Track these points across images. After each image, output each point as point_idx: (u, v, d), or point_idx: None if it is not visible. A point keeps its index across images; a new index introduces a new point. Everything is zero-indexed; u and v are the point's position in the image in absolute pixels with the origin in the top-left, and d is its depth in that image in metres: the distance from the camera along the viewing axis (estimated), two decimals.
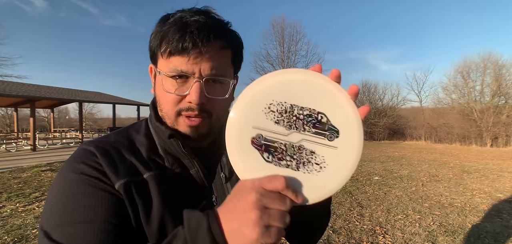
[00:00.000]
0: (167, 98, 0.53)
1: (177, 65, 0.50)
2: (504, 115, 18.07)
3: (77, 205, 0.46)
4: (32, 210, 4.03)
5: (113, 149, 0.53)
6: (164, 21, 0.52)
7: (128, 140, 0.57)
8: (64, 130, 21.64)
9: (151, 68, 0.58)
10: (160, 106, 0.56)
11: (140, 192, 0.50)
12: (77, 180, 0.48)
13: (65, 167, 0.51)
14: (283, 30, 22.89)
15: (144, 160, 0.54)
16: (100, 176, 0.49)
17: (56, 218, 0.46)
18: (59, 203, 0.47)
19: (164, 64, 0.52)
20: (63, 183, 0.49)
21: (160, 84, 0.53)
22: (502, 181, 6.19)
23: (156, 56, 0.54)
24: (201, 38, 0.48)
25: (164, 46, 0.51)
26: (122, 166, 0.51)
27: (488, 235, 3.24)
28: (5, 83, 14.70)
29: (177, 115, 0.53)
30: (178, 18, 0.51)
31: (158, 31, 0.52)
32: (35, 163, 8.42)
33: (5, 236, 3.12)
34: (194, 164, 0.55)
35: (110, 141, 0.55)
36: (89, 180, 0.48)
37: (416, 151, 13.41)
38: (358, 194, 5.03)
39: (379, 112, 25.29)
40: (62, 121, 36.09)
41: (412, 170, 7.51)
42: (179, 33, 0.49)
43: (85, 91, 19.74)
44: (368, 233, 3.32)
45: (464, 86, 20.81)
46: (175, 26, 0.50)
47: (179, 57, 0.50)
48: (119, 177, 0.49)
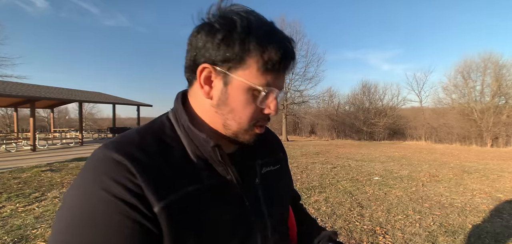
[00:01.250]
0: (248, 111, 0.51)
1: (270, 81, 0.50)
2: (505, 115, 18.07)
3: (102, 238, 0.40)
4: (32, 210, 4.02)
5: (148, 159, 0.46)
6: (250, 27, 0.48)
7: (159, 143, 0.50)
8: (64, 130, 21.63)
9: (205, 69, 0.50)
10: (231, 115, 0.52)
11: (183, 211, 0.46)
12: (106, 203, 0.41)
13: (90, 179, 0.43)
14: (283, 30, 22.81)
15: (180, 170, 0.49)
16: (137, 203, 0.41)
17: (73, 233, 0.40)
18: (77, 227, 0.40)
19: (255, 77, 0.49)
20: (86, 202, 0.41)
21: (240, 94, 0.50)
22: (503, 181, 6.18)
23: (240, 64, 0.49)
24: (293, 58, 0.52)
25: (262, 60, 0.49)
26: (160, 181, 0.45)
27: (488, 235, 3.24)
28: (5, 83, 14.70)
29: (252, 126, 0.53)
30: (272, 32, 0.51)
31: (246, 38, 0.48)
32: (35, 163, 8.42)
33: (5, 236, 3.11)
34: (229, 171, 0.53)
35: (142, 146, 0.47)
36: (123, 207, 0.41)
37: (416, 151, 13.41)
38: (358, 194, 5.03)
39: (379, 112, 25.29)
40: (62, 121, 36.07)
41: (412, 170, 7.51)
42: (281, 53, 0.49)
43: (85, 91, 19.73)
44: (368, 233, 3.31)
45: (464, 86, 20.83)
46: (276, 44, 0.49)
47: (274, 74, 0.50)
48: (160, 197, 0.44)
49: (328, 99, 28.57)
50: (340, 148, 14.51)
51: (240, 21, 0.48)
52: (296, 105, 24.48)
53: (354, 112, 26.80)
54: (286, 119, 23.36)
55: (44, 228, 3.36)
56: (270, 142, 0.71)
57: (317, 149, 13.63)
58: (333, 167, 7.95)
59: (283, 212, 0.68)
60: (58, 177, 6.32)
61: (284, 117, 23.04)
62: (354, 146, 16.23)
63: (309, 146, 16.00)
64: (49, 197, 4.69)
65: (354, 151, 12.84)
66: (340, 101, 28.76)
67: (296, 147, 15.03)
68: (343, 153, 12.09)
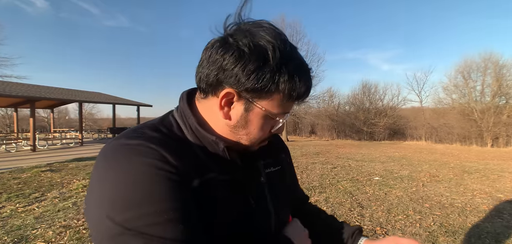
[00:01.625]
0: (263, 132, 0.55)
1: (287, 109, 0.54)
2: (505, 115, 18.07)
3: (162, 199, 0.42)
4: (32, 211, 4.02)
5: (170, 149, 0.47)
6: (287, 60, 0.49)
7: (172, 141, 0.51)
8: (64, 131, 21.65)
9: (228, 94, 0.50)
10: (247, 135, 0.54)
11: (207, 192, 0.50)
12: (153, 174, 0.42)
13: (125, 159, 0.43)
14: (283, 30, 22.72)
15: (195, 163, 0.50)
16: (177, 176, 0.45)
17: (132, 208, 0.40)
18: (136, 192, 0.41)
19: (276, 106, 0.51)
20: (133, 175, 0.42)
21: (259, 120, 0.52)
22: (503, 181, 6.18)
23: (267, 94, 0.49)
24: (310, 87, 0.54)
25: (290, 91, 0.50)
26: (189, 164, 0.48)
27: (489, 236, 3.23)
28: (5, 84, 14.70)
29: (260, 142, 0.58)
30: (300, 64, 0.51)
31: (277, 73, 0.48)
32: (35, 163, 8.42)
33: (4, 237, 3.11)
34: (236, 170, 0.57)
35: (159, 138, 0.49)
36: (168, 175, 0.43)
37: (417, 151, 13.40)
38: (358, 194, 5.02)
39: (380, 112, 25.29)
40: (62, 122, 36.09)
41: (413, 171, 7.50)
42: (305, 87, 0.52)
43: (85, 91, 19.74)
44: (369, 233, 3.31)
45: (464, 86, 20.82)
46: (303, 78, 0.51)
47: (292, 103, 0.53)
48: (192, 174, 0.48)
49: (328, 99, 28.57)
50: (340, 148, 14.51)
51: (272, 52, 0.47)
52: (296, 105, 24.46)
53: (354, 112, 26.80)
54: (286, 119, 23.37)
55: (44, 229, 3.36)
56: (272, 143, 0.72)
57: (317, 149, 13.63)
58: (333, 167, 7.95)
59: (288, 212, 0.70)
60: (58, 177, 6.32)
61: None
62: (354, 146, 16.23)
63: (309, 146, 16.00)
64: (49, 198, 4.69)
65: (354, 151, 12.84)
66: (340, 101, 28.78)
67: (296, 147, 15.03)
68: (343, 153, 12.09)
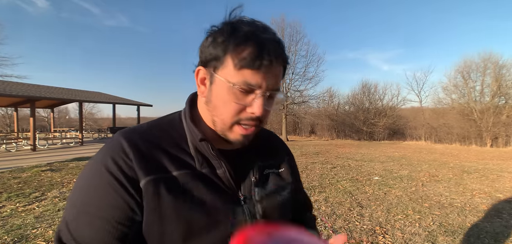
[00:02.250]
0: (229, 107, 0.54)
1: (247, 79, 0.51)
2: (504, 115, 18.07)
3: (98, 205, 0.50)
4: (32, 210, 4.03)
5: (144, 144, 0.55)
6: (234, 30, 0.52)
7: (160, 133, 0.59)
8: (64, 130, 21.64)
9: (200, 71, 0.57)
10: (216, 111, 0.56)
11: (167, 189, 0.52)
12: (101, 176, 0.51)
13: (99, 156, 0.54)
14: (283, 30, 22.84)
15: (175, 157, 0.56)
16: (125, 181, 0.51)
17: (79, 203, 0.51)
18: (80, 192, 0.52)
19: (233, 74, 0.52)
20: (92, 172, 0.53)
21: (222, 91, 0.53)
22: (502, 181, 6.19)
23: (221, 64, 0.53)
24: (276, 57, 0.52)
25: (237, 58, 0.51)
26: (151, 162, 0.53)
27: (488, 235, 3.24)
28: (5, 83, 14.69)
29: (233, 124, 0.55)
30: (251, 33, 0.52)
31: (229, 40, 0.52)
32: (35, 163, 8.42)
33: (5, 236, 3.12)
34: (222, 164, 0.57)
35: (144, 133, 0.57)
36: (114, 185, 0.50)
37: (416, 151, 13.41)
38: (358, 194, 5.03)
39: (379, 112, 25.28)
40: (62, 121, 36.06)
41: (412, 170, 7.51)
42: (258, 50, 0.50)
43: (85, 91, 19.73)
44: (368, 233, 3.32)
45: (464, 86, 20.81)
46: (252, 41, 0.51)
47: (251, 71, 0.51)
48: (148, 173, 0.52)
49: (328, 99, 28.57)
50: (340, 148, 14.52)
51: (229, 26, 0.53)
52: (296, 105, 24.46)
53: (354, 112, 26.79)
54: (286, 119, 23.37)
55: (44, 228, 3.36)
56: (273, 146, 0.73)
57: (317, 149, 13.64)
58: (333, 167, 7.96)
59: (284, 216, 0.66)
60: (58, 177, 6.33)
61: (284, 117, 23.04)
62: (354, 146, 16.23)
63: (309, 146, 16.01)
64: (49, 197, 4.70)
65: (354, 151, 12.84)
66: (340, 101, 28.77)
67: (296, 147, 15.03)
68: (343, 153, 12.10)
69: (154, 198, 0.51)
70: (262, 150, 0.67)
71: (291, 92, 23.44)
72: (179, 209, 0.52)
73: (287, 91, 23.11)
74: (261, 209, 0.60)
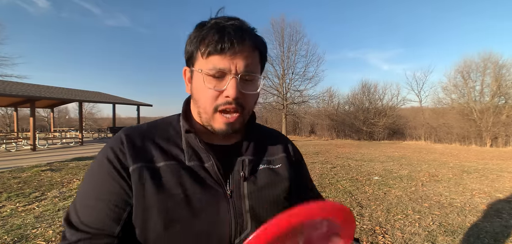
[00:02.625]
0: (206, 95, 0.57)
1: (215, 64, 0.55)
2: (504, 115, 18.07)
3: (99, 190, 0.55)
4: (32, 210, 4.03)
5: (139, 137, 0.61)
6: (201, 26, 0.58)
7: (157, 130, 0.64)
8: (64, 130, 21.64)
9: (185, 71, 0.64)
10: (198, 103, 0.60)
11: (151, 178, 0.55)
12: (105, 171, 0.56)
13: (103, 149, 0.60)
14: (282, 30, 22.87)
15: (165, 150, 0.60)
16: (120, 168, 0.56)
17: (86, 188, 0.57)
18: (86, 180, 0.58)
19: (203, 63, 0.57)
20: (97, 163, 0.59)
21: (199, 82, 0.58)
22: (502, 181, 6.19)
23: (194, 58, 0.59)
24: (237, 39, 0.55)
25: (203, 47, 0.56)
26: (141, 152, 0.58)
27: (487, 235, 3.25)
28: (5, 83, 14.69)
29: (214, 112, 0.58)
30: (214, 23, 0.57)
31: (197, 35, 0.57)
32: (35, 162, 8.42)
33: (5, 236, 3.12)
34: (210, 157, 0.59)
35: (142, 129, 0.63)
36: (111, 172, 0.56)
37: (416, 151, 13.42)
38: (357, 194, 5.03)
39: (379, 112, 25.28)
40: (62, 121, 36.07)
41: (412, 170, 7.52)
42: (218, 35, 0.55)
43: (85, 91, 19.72)
44: (368, 233, 3.32)
45: (464, 86, 20.81)
46: (214, 29, 0.56)
47: (218, 56, 0.55)
48: (136, 161, 0.56)
49: (328, 99, 28.58)
50: (340, 148, 14.52)
51: (198, 24, 0.59)
52: (296, 105, 24.48)
53: (354, 112, 26.78)
54: (286, 119, 23.38)
55: (44, 228, 3.36)
56: (272, 143, 0.72)
57: (317, 149, 13.64)
58: (333, 167, 7.96)
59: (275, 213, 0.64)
60: (58, 177, 6.33)
61: (284, 117, 23.05)
62: (353, 146, 16.24)
63: (308, 146, 16.01)
64: (49, 197, 4.70)
65: (354, 151, 12.85)
66: (340, 101, 28.76)
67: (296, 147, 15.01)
68: (343, 153, 12.10)
69: (139, 185, 0.54)
70: (258, 146, 0.67)
71: (291, 92, 23.46)
72: (161, 199, 0.54)
73: (287, 91, 23.13)
74: (249, 204, 0.59)
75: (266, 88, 23.44)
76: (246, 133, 0.67)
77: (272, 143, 0.72)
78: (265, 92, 23.74)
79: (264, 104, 24.97)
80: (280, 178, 0.67)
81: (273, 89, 23.55)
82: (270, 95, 24.12)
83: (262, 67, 0.64)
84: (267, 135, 0.74)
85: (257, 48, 0.59)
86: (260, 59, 0.62)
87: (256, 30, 0.62)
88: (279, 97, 23.51)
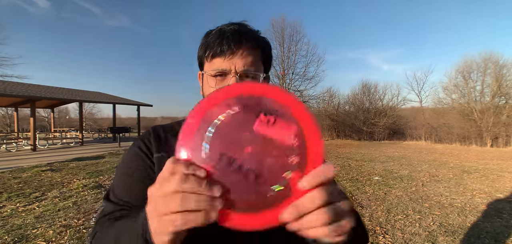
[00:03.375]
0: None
1: (217, 65, 0.63)
2: (504, 115, 18.05)
3: (129, 167, 0.63)
4: (32, 210, 4.03)
5: (163, 131, 0.68)
6: (208, 34, 0.66)
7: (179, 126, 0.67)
8: (64, 130, 21.64)
9: (199, 75, 0.72)
10: None
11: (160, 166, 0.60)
12: (133, 152, 0.64)
13: (134, 142, 0.68)
14: (283, 30, 22.84)
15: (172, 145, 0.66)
16: (147, 152, 0.63)
17: (118, 170, 0.65)
18: (120, 165, 0.66)
19: (208, 66, 0.65)
20: (128, 152, 0.67)
21: (207, 83, 0.66)
22: (502, 181, 6.19)
23: (203, 63, 0.68)
24: (234, 41, 0.61)
25: (207, 52, 0.64)
26: (163, 143, 0.65)
27: (488, 235, 3.24)
28: (6, 83, 14.70)
29: None
30: (218, 30, 0.65)
31: (203, 43, 0.67)
32: (35, 163, 8.42)
33: (5, 236, 3.12)
34: None
35: (166, 125, 0.70)
36: (139, 154, 0.63)
37: (416, 151, 13.41)
38: (358, 194, 5.03)
39: (379, 112, 25.27)
40: (62, 121, 36.08)
41: (412, 170, 7.51)
42: (219, 40, 0.62)
43: (86, 91, 19.73)
44: (368, 233, 3.31)
45: (464, 86, 20.80)
46: (216, 35, 0.63)
47: (219, 58, 0.63)
48: (158, 150, 0.63)
49: (328, 99, 28.54)
50: (340, 148, 14.52)
51: (206, 33, 0.67)
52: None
53: (354, 112, 26.76)
54: None
55: (44, 228, 3.36)
56: None
57: None
58: None
59: None
60: (58, 177, 6.33)
61: None
62: (354, 146, 16.23)
63: None
64: (50, 197, 4.70)
65: (354, 151, 12.84)
66: (340, 101, 28.73)
67: None
68: (343, 153, 12.10)
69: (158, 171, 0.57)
70: None
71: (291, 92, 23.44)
72: None
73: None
74: None
75: None
76: None
77: None
78: None
79: None
80: None
81: None
82: None
83: (266, 65, 0.70)
84: None
85: (258, 47, 0.65)
86: (263, 57, 0.68)
87: (259, 32, 0.68)
88: None
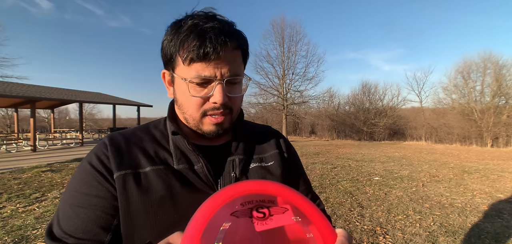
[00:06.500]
0: (192, 102, 0.56)
1: (199, 71, 0.52)
2: (505, 115, 18.05)
3: (81, 193, 0.52)
4: (32, 211, 4.02)
5: (125, 142, 0.58)
6: (178, 28, 0.54)
7: (143, 134, 0.61)
8: (64, 131, 21.66)
9: (164, 74, 0.61)
10: (183, 108, 0.58)
11: (136, 184, 0.53)
12: (86, 170, 0.54)
13: (86, 156, 0.58)
14: (283, 30, 22.85)
15: (152, 154, 0.57)
16: (103, 171, 0.53)
17: (66, 197, 0.54)
18: (69, 188, 0.55)
19: (185, 71, 0.54)
20: (79, 169, 0.56)
21: (182, 89, 0.56)
22: (503, 181, 6.18)
23: (174, 62, 0.56)
24: (220, 44, 0.51)
25: (184, 53, 0.53)
26: (126, 158, 0.55)
27: (488, 236, 3.24)
28: (6, 84, 14.70)
29: (202, 116, 0.57)
30: (193, 25, 0.53)
31: (174, 38, 0.54)
32: (36, 163, 8.42)
33: (5, 237, 3.12)
34: (199, 159, 0.57)
35: (126, 134, 0.61)
36: (93, 174, 0.53)
37: (417, 151, 13.39)
38: (358, 194, 5.03)
39: (379, 113, 25.27)
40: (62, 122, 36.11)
41: (413, 171, 7.50)
42: (199, 41, 0.51)
43: (85, 91, 19.73)
44: (369, 233, 3.31)
45: (464, 86, 20.79)
46: (193, 34, 0.52)
47: (201, 63, 0.52)
48: (120, 168, 0.54)
49: (328, 99, 28.56)
50: (340, 148, 14.51)
51: (174, 24, 0.55)
52: (296, 105, 24.47)
53: (354, 112, 26.77)
54: (286, 119, 23.36)
55: (44, 229, 3.36)
56: (264, 140, 0.70)
57: (317, 149, 13.63)
58: (333, 167, 7.95)
59: None
60: (58, 178, 6.33)
61: (284, 117, 23.03)
62: (354, 146, 16.22)
63: (309, 146, 16.00)
64: (50, 198, 4.70)
65: (354, 151, 12.83)
66: (340, 101, 28.75)
67: (296, 147, 15.02)
68: (343, 153, 12.09)
69: (123, 192, 0.52)
70: (249, 144, 0.66)
71: (291, 93, 23.45)
72: (147, 204, 0.52)
73: (287, 91, 23.13)
74: None
75: (266, 89, 23.46)
76: (235, 132, 0.65)
77: (263, 140, 0.70)
78: (265, 92, 23.77)
79: (265, 104, 24.97)
80: (273, 175, 0.64)
81: (273, 90, 23.53)
82: (270, 96, 24.12)
83: (245, 64, 0.62)
84: (258, 132, 0.72)
85: (239, 48, 0.57)
86: (243, 57, 0.59)
87: (235, 24, 0.58)
88: (279, 98, 23.48)
